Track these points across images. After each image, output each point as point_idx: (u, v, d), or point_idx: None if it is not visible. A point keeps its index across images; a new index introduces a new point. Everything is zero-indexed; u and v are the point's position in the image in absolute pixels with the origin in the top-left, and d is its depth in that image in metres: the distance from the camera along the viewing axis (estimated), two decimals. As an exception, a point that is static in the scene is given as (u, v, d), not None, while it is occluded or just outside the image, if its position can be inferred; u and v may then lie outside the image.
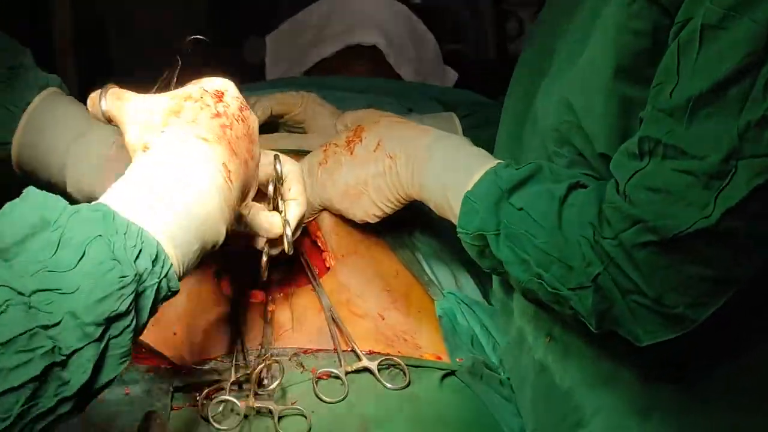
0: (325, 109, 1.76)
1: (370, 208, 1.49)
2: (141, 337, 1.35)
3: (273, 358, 1.36)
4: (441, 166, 1.40)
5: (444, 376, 1.43)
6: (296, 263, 1.51)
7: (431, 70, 2.37)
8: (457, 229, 1.34)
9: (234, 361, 1.39)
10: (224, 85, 1.20)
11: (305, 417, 1.32)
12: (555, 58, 1.36)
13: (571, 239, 1.21)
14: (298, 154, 1.59)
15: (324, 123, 1.73)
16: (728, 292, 1.16)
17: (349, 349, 1.43)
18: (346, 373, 1.39)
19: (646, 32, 1.17)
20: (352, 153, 1.49)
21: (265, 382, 1.36)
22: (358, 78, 2.20)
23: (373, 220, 1.50)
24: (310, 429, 1.32)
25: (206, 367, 1.40)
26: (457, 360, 1.46)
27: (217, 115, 1.15)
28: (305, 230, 1.55)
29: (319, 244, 1.56)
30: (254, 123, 1.21)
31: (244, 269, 1.50)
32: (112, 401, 1.34)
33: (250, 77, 2.26)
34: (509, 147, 1.47)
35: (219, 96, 1.18)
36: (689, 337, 1.18)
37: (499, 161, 1.36)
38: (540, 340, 1.40)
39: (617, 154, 1.20)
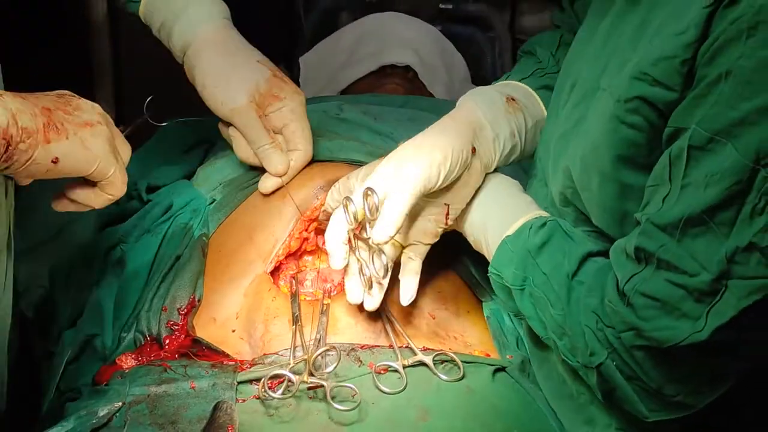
0: None
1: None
2: (201, 336, 1.42)
3: (331, 345, 1.43)
4: (490, 203, 1.49)
5: (495, 372, 1.48)
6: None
7: (461, 89, 2.43)
8: (489, 268, 1.44)
9: (293, 352, 1.43)
10: None
11: (355, 395, 1.37)
12: (562, 112, 1.44)
13: (576, 321, 1.29)
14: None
15: None
16: (725, 385, 1.23)
17: (404, 345, 1.47)
18: (404, 366, 1.43)
19: (643, 127, 1.22)
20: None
21: (312, 378, 1.40)
22: (394, 96, 2.25)
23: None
24: (358, 406, 1.36)
25: (267, 361, 1.44)
26: (508, 357, 1.51)
27: None
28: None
29: None
30: None
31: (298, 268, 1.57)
32: (179, 395, 1.39)
33: None
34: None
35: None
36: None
37: (541, 214, 1.44)
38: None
39: (616, 247, 1.26)
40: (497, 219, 1.46)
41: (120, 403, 1.37)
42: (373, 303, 1.47)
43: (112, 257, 1.66)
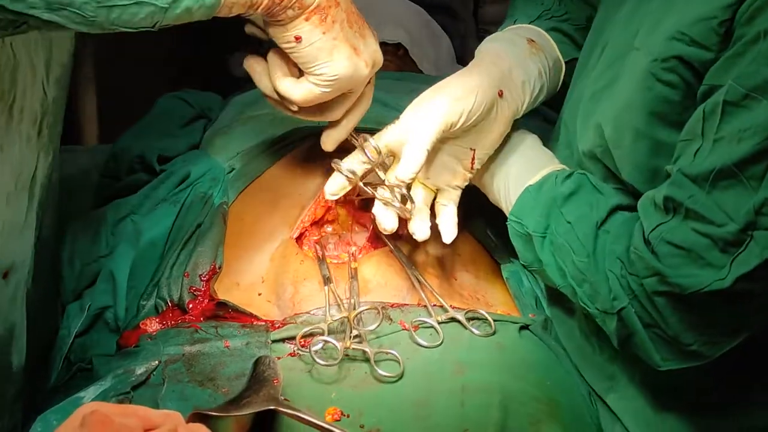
0: None
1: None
2: (226, 298, 1.42)
3: (373, 305, 1.45)
4: (511, 154, 1.53)
5: (520, 330, 1.51)
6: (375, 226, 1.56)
7: (447, 67, 2.45)
8: (509, 215, 1.47)
9: (328, 310, 1.45)
10: None
11: (398, 362, 1.39)
12: (593, 73, 1.46)
13: (601, 267, 1.32)
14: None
15: None
16: (740, 337, 1.26)
17: (432, 304, 1.50)
18: (439, 323, 1.46)
19: (678, 85, 1.26)
20: None
21: (355, 331, 1.42)
22: (388, 72, 2.26)
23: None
24: (404, 370, 1.39)
25: (300, 320, 1.45)
26: (530, 316, 1.54)
27: None
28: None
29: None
30: None
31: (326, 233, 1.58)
32: (214, 353, 1.40)
33: (236, 90, 2.28)
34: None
35: None
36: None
37: (564, 167, 1.48)
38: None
39: (644, 199, 1.30)
40: (519, 169, 1.50)
41: (156, 362, 1.37)
42: (422, 230, 1.49)
43: (122, 229, 1.64)
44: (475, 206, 1.65)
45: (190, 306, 1.50)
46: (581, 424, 1.44)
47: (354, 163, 1.49)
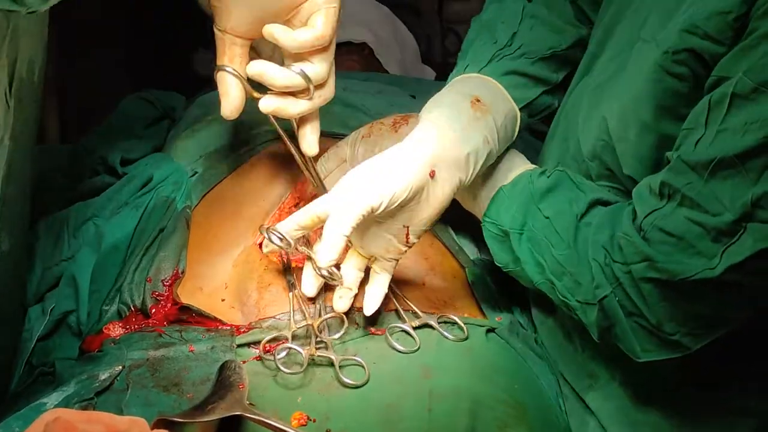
0: None
1: None
2: (191, 303, 1.41)
3: (338, 312, 1.44)
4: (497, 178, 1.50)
5: (486, 333, 1.51)
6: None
7: (412, 67, 2.45)
8: (483, 218, 1.46)
9: (292, 316, 1.44)
10: None
11: (364, 368, 1.38)
12: (597, 65, 1.47)
13: (583, 258, 1.32)
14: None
15: None
16: (723, 329, 1.27)
17: (403, 309, 1.50)
18: (414, 328, 1.46)
19: (687, 78, 1.26)
20: (396, 131, 1.54)
21: (322, 335, 1.42)
22: (355, 72, 2.26)
23: None
24: (369, 376, 1.38)
25: (265, 325, 1.44)
26: (497, 319, 1.54)
27: None
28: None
29: None
30: None
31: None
32: (179, 358, 1.39)
33: (200, 88, 2.27)
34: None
35: None
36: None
37: (536, 167, 1.48)
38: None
39: (641, 185, 1.30)
40: (491, 172, 1.50)
41: (120, 367, 1.36)
42: (342, 304, 1.45)
43: (85, 232, 1.62)
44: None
45: (153, 311, 1.49)
46: (549, 428, 1.44)
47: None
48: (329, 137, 1.65)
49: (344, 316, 1.43)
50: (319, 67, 1.41)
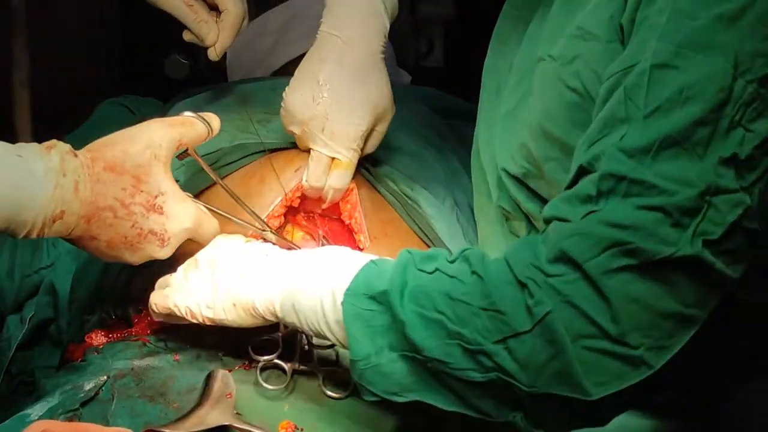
0: None
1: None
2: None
3: None
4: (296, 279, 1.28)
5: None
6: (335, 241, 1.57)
7: (390, 71, 2.44)
8: (344, 295, 1.21)
9: (281, 325, 1.42)
10: None
11: (348, 380, 1.36)
12: (503, 93, 1.47)
13: (501, 286, 1.13)
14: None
15: None
16: (687, 334, 1.12)
17: None
18: None
19: (582, 93, 1.24)
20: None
21: (307, 347, 1.41)
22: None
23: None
24: (353, 388, 1.35)
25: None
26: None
27: None
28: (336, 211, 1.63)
29: (354, 225, 1.62)
30: None
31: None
32: (164, 367, 1.38)
33: (173, 92, 2.26)
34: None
35: None
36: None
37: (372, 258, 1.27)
38: None
39: (555, 201, 1.17)
40: (334, 279, 1.25)
41: (105, 377, 1.35)
42: None
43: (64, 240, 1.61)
44: (426, 220, 1.65)
45: (136, 320, 1.48)
46: None
47: None
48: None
49: None
50: None
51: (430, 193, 1.72)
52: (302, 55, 2.08)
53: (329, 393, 1.36)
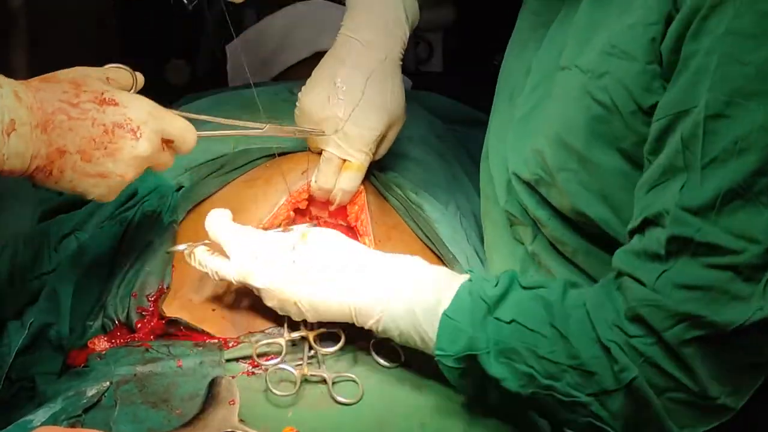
0: None
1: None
2: (180, 315, 1.40)
3: (326, 329, 1.43)
4: (403, 289, 1.33)
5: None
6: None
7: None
8: (436, 352, 1.29)
9: (285, 331, 1.43)
10: None
11: (358, 384, 1.37)
12: (519, 96, 1.46)
13: (586, 345, 1.19)
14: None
15: None
16: (762, 377, 1.18)
17: None
18: None
19: (610, 107, 1.23)
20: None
21: (312, 352, 1.41)
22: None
23: None
24: (363, 393, 1.37)
25: (254, 338, 1.43)
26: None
27: None
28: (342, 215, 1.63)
29: (360, 228, 1.61)
30: None
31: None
32: (167, 373, 1.38)
33: (173, 98, 2.26)
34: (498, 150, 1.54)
35: None
36: None
37: (467, 276, 1.34)
38: None
39: (626, 254, 1.20)
40: (421, 300, 1.32)
41: (108, 383, 1.35)
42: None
43: (66, 246, 1.60)
44: (429, 223, 1.65)
45: (139, 326, 1.47)
46: None
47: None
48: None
49: (341, 331, 1.42)
50: None
51: (433, 198, 1.72)
52: (303, 61, 2.10)
53: (339, 399, 1.35)
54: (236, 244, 1.41)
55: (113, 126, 1.25)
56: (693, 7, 1.11)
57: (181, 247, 1.48)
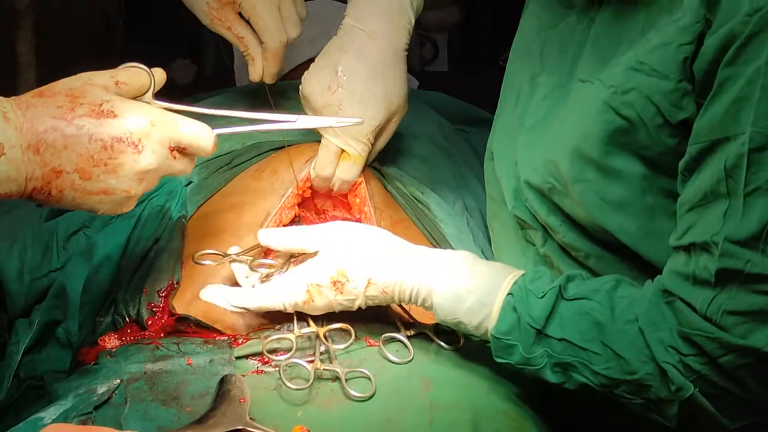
0: None
1: None
2: (189, 313, 1.40)
3: (338, 325, 1.43)
4: (450, 297, 1.37)
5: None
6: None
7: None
8: (495, 356, 1.35)
9: (296, 327, 1.43)
10: None
11: (370, 380, 1.37)
12: (529, 104, 1.47)
13: (643, 363, 1.24)
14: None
15: None
16: None
17: (399, 319, 1.50)
18: (408, 337, 1.45)
19: (634, 122, 1.25)
20: (342, 293, 1.41)
21: (323, 348, 1.41)
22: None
23: None
24: (375, 390, 1.37)
25: (264, 335, 1.43)
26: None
27: None
28: (347, 208, 1.62)
29: (364, 220, 1.63)
30: None
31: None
32: (177, 371, 1.38)
33: (179, 97, 2.26)
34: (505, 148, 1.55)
35: None
36: None
37: (513, 279, 1.34)
38: None
39: (675, 276, 1.24)
40: (466, 312, 1.37)
41: (118, 380, 1.35)
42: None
43: (75, 242, 1.60)
44: (434, 222, 1.65)
45: (149, 322, 1.47)
46: None
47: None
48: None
49: (350, 327, 1.42)
50: None
51: (439, 197, 1.72)
52: (308, 61, 2.10)
53: (353, 393, 1.35)
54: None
55: (112, 140, 1.20)
56: (730, 31, 1.13)
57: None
